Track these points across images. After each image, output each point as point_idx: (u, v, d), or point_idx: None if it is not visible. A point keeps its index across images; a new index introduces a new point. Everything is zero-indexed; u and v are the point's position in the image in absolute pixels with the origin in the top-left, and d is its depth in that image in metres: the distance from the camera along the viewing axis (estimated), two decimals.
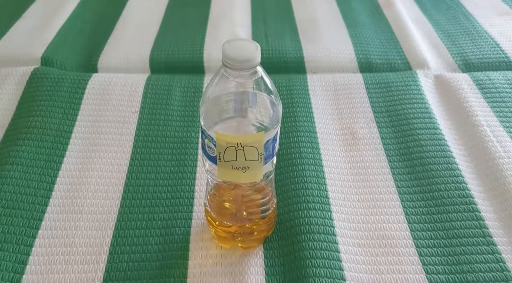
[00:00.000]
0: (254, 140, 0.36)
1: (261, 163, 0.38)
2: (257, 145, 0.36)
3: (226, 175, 0.39)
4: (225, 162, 0.37)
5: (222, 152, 0.37)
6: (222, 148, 0.37)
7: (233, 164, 0.37)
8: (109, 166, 0.60)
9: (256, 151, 0.37)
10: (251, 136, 0.37)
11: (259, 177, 0.39)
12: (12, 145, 0.61)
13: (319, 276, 0.46)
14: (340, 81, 0.75)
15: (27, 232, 0.52)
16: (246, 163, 0.37)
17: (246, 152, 0.36)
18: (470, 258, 0.50)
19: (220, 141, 0.36)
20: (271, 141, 0.38)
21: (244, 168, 0.37)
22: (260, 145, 0.36)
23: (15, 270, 0.48)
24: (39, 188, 0.57)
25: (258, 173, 0.39)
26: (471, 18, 0.92)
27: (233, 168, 0.38)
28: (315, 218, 0.52)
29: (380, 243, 0.51)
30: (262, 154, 0.37)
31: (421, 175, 0.59)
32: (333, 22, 0.91)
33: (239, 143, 0.36)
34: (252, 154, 0.37)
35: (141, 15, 0.93)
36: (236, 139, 0.36)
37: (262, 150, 0.37)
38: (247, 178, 0.39)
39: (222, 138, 0.36)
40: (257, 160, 0.37)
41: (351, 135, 0.65)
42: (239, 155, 0.36)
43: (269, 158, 0.39)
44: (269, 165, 0.40)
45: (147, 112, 0.68)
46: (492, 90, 0.72)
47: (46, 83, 0.72)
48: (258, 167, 0.38)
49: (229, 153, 0.37)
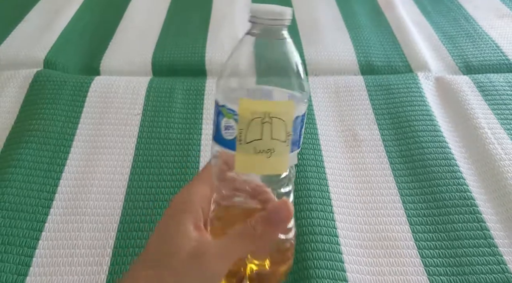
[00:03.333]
0: (285, 109, 0.32)
1: (288, 147, 0.33)
2: (286, 118, 0.32)
3: (246, 164, 0.33)
4: (246, 143, 0.32)
5: (245, 128, 0.32)
6: (245, 123, 0.32)
7: (257, 145, 0.32)
8: (111, 168, 0.60)
9: (284, 126, 0.32)
10: (282, 103, 0.33)
11: (284, 166, 0.34)
12: (15, 148, 0.62)
13: (322, 277, 0.47)
14: (341, 83, 0.75)
15: (31, 234, 0.52)
16: (272, 143, 0.32)
17: (273, 126, 0.32)
18: (472, 260, 0.50)
19: (244, 112, 0.31)
20: (300, 121, 0.33)
21: (268, 151, 0.32)
22: (289, 119, 0.32)
23: (18, 272, 0.48)
24: (42, 190, 0.57)
25: (283, 161, 0.33)
26: (472, 21, 0.92)
27: (256, 152, 0.32)
28: (317, 219, 0.52)
29: (382, 245, 0.51)
30: (290, 134, 0.32)
31: (423, 177, 0.59)
32: (334, 24, 0.91)
33: (267, 113, 0.31)
34: (279, 130, 0.32)
35: (143, 18, 0.93)
36: (264, 106, 0.32)
37: (291, 128, 0.32)
38: (272, 167, 0.33)
39: (248, 106, 0.31)
40: (283, 141, 0.32)
41: (352, 136, 0.65)
42: (265, 131, 0.32)
43: (295, 145, 0.34)
44: (294, 157, 0.35)
45: (149, 114, 0.68)
46: (493, 92, 0.72)
47: (48, 86, 0.72)
48: (284, 151, 0.33)
49: (253, 129, 0.32)
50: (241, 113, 0.32)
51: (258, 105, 0.32)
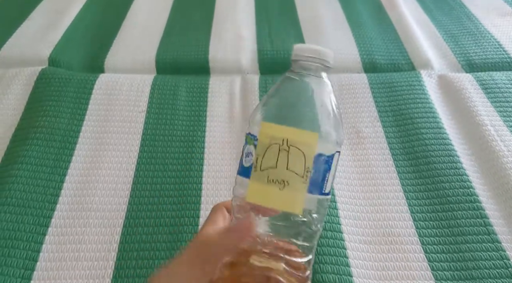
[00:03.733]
0: (305, 139, 0.30)
1: (305, 184, 0.30)
2: (306, 151, 0.30)
3: (258, 194, 0.31)
4: (261, 170, 0.31)
5: (262, 154, 0.31)
6: (263, 148, 0.30)
7: (270, 173, 0.30)
8: (117, 164, 0.61)
9: (302, 158, 0.30)
10: (304, 133, 0.31)
11: (298, 205, 0.31)
12: (21, 144, 0.62)
13: (327, 272, 0.47)
14: (344, 81, 0.75)
15: (37, 230, 0.53)
16: (287, 174, 0.30)
17: (290, 156, 0.30)
18: (475, 255, 0.50)
19: (263, 137, 0.31)
20: (324, 161, 0.31)
21: (282, 182, 0.30)
22: (310, 152, 0.30)
23: (26, 267, 0.49)
24: (49, 186, 0.57)
25: (298, 198, 0.31)
26: (474, 19, 0.93)
27: (269, 182, 0.30)
28: None
29: (386, 240, 0.52)
30: (309, 170, 0.30)
31: (426, 174, 0.59)
32: (337, 23, 0.92)
33: (286, 140, 0.30)
34: (297, 162, 0.30)
35: (146, 16, 0.93)
36: (284, 132, 0.30)
37: (311, 163, 0.30)
38: (283, 202, 0.31)
39: (268, 131, 0.31)
40: (301, 175, 0.30)
41: (356, 134, 0.66)
42: (281, 159, 0.30)
43: (315, 186, 0.31)
44: (313, 202, 0.32)
45: (153, 111, 0.69)
46: (495, 90, 0.73)
47: (53, 84, 0.72)
48: (300, 188, 0.30)
49: (270, 155, 0.30)
50: (260, 138, 0.31)
51: (278, 130, 0.30)
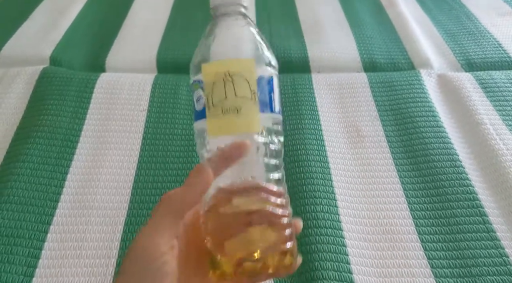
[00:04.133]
0: (244, 66, 0.34)
1: (255, 104, 0.33)
2: (248, 76, 0.33)
3: (217, 127, 0.34)
4: (214, 106, 0.33)
5: (211, 92, 0.33)
6: (210, 86, 0.33)
7: (224, 105, 0.33)
8: (118, 163, 0.61)
9: (247, 84, 0.33)
10: (241, 60, 0.34)
11: (256, 125, 0.34)
12: (23, 143, 0.63)
13: (326, 269, 0.47)
14: (344, 80, 0.76)
15: (39, 228, 0.53)
16: (238, 101, 0.33)
17: (236, 84, 0.33)
18: (474, 253, 0.51)
19: (208, 77, 0.33)
20: (265, 82, 0.34)
21: (235, 109, 0.33)
22: (252, 76, 0.34)
23: (28, 264, 0.49)
24: (50, 184, 0.58)
25: (253, 119, 0.34)
26: (473, 19, 0.93)
27: (224, 112, 0.33)
28: (322, 213, 0.53)
29: (385, 238, 0.52)
30: (255, 92, 0.34)
31: (426, 172, 0.60)
32: (337, 22, 0.92)
33: (227, 72, 0.33)
34: (242, 87, 0.33)
35: (147, 16, 0.94)
36: (224, 65, 0.33)
37: (255, 86, 0.34)
38: (242, 125, 0.34)
39: (209, 70, 0.33)
40: (249, 98, 0.33)
41: (356, 132, 0.66)
42: (229, 90, 0.33)
43: (265, 106, 0.34)
44: (268, 118, 0.35)
45: (155, 110, 0.69)
46: (495, 89, 0.73)
47: (55, 83, 0.73)
48: (252, 109, 0.33)
49: (218, 89, 0.33)
50: (205, 78, 0.33)
51: (218, 65, 0.33)
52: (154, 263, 0.29)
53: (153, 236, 0.30)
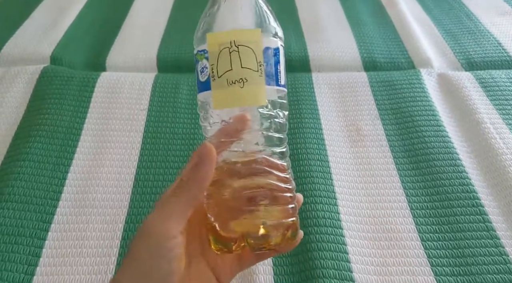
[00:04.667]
0: (251, 36, 0.32)
1: (261, 77, 0.33)
2: (254, 47, 0.32)
3: (222, 99, 0.33)
4: (219, 77, 0.32)
5: (215, 62, 0.32)
6: (215, 57, 0.32)
7: (228, 76, 0.32)
8: (119, 162, 0.61)
9: (253, 54, 0.32)
10: (247, 31, 0.33)
11: (261, 98, 0.33)
12: (23, 142, 0.63)
13: (327, 267, 0.47)
14: (344, 79, 0.76)
15: (40, 226, 0.53)
16: (243, 72, 0.32)
17: (242, 55, 0.32)
18: (474, 251, 0.51)
19: (213, 47, 0.32)
20: (272, 53, 0.33)
21: (241, 80, 0.32)
22: (258, 47, 0.32)
23: (29, 263, 0.49)
24: (51, 183, 0.58)
25: (259, 91, 0.33)
26: (474, 18, 0.93)
27: (229, 84, 0.32)
28: (322, 212, 0.53)
29: (385, 237, 0.52)
30: (261, 64, 0.32)
31: (426, 171, 0.60)
32: (337, 21, 0.92)
33: (233, 42, 0.32)
34: (249, 59, 0.32)
35: (148, 15, 0.94)
36: (230, 35, 0.32)
37: (261, 57, 0.32)
38: (247, 97, 0.32)
39: (214, 40, 0.32)
40: (255, 70, 0.32)
41: (356, 131, 0.66)
42: (234, 60, 0.32)
43: (271, 78, 0.33)
44: (273, 91, 0.34)
45: (155, 109, 0.69)
46: (495, 88, 0.73)
47: (55, 82, 0.73)
48: (258, 81, 0.32)
49: (223, 60, 0.32)
50: (210, 48, 0.32)
51: (223, 35, 0.32)
52: (166, 245, 0.29)
53: (163, 221, 0.30)
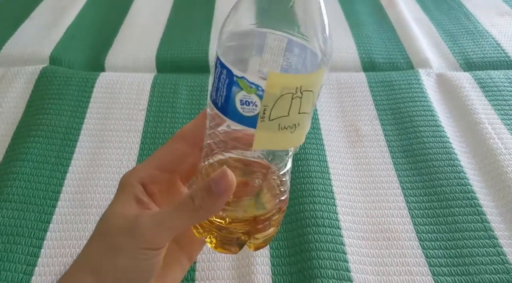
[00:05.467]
0: (316, 79, 0.27)
1: (310, 115, 0.29)
2: (316, 89, 0.27)
3: (267, 141, 0.28)
4: (270, 121, 0.27)
5: (271, 105, 0.26)
6: (272, 99, 0.26)
7: (282, 121, 0.27)
8: (117, 162, 0.61)
9: (312, 98, 0.27)
10: (315, 75, 0.27)
11: (304, 137, 0.30)
12: (22, 142, 0.63)
13: (325, 267, 0.47)
14: (343, 80, 0.76)
15: (39, 226, 0.53)
16: (299, 118, 0.27)
17: (303, 100, 0.27)
18: (472, 251, 0.51)
19: (273, 88, 0.26)
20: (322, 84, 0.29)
21: (294, 126, 0.27)
22: (318, 89, 0.28)
23: (27, 262, 0.49)
24: (50, 183, 0.58)
25: (306, 132, 0.29)
26: (472, 18, 0.93)
27: (280, 129, 0.27)
28: (320, 212, 0.53)
29: (384, 237, 0.52)
30: (314, 104, 0.28)
31: (424, 171, 0.60)
32: (336, 22, 0.92)
33: (299, 88, 0.26)
34: (307, 103, 0.27)
35: (147, 15, 0.94)
36: (297, 80, 0.26)
37: (316, 98, 0.28)
38: (295, 141, 0.29)
39: (277, 82, 0.26)
40: (309, 112, 0.28)
41: (354, 132, 0.66)
42: (294, 107, 0.27)
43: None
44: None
45: (154, 110, 0.69)
46: (493, 88, 0.73)
47: (55, 82, 0.73)
48: (307, 123, 0.29)
49: (281, 105, 0.27)
50: (270, 90, 0.26)
51: (289, 79, 0.27)
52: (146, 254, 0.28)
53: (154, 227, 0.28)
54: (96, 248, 0.29)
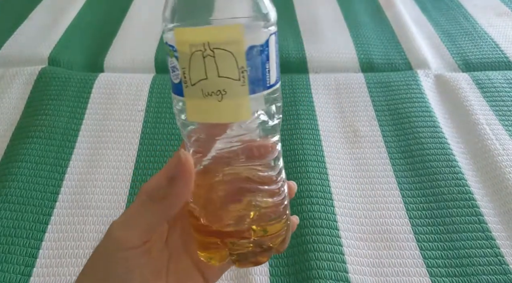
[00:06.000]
0: (229, 36, 0.25)
1: (244, 86, 0.26)
2: (234, 48, 0.25)
3: (197, 111, 0.27)
4: (192, 85, 0.26)
5: (187, 66, 0.26)
6: (186, 59, 0.26)
7: (204, 86, 0.26)
8: (116, 162, 0.61)
9: (233, 60, 0.26)
10: (224, 29, 0.26)
11: (245, 112, 0.27)
12: (21, 143, 0.63)
13: (322, 268, 0.48)
14: (342, 80, 0.76)
15: (37, 227, 0.53)
16: (221, 82, 0.26)
17: (218, 61, 0.25)
18: (470, 252, 0.51)
19: (181, 46, 0.26)
20: (258, 51, 0.26)
21: (219, 93, 0.26)
22: (240, 49, 0.26)
23: (25, 263, 0.50)
24: (48, 184, 0.58)
25: (242, 105, 0.27)
26: (471, 19, 0.93)
27: (205, 95, 0.26)
28: (318, 212, 0.53)
29: (381, 237, 0.53)
30: (244, 70, 0.26)
31: (422, 172, 0.60)
32: (335, 22, 0.92)
33: (207, 44, 0.25)
34: (228, 66, 0.26)
35: (146, 16, 0.94)
36: (201, 34, 0.25)
37: (244, 62, 0.26)
38: (227, 113, 0.27)
39: (184, 38, 0.26)
40: (237, 79, 0.26)
41: (353, 132, 0.66)
42: (209, 67, 0.26)
43: (258, 83, 0.27)
44: (260, 100, 0.28)
45: (153, 110, 0.69)
46: (491, 89, 0.73)
47: (53, 83, 0.73)
48: (241, 93, 0.26)
49: (196, 65, 0.26)
50: (179, 47, 0.26)
51: (194, 34, 0.26)
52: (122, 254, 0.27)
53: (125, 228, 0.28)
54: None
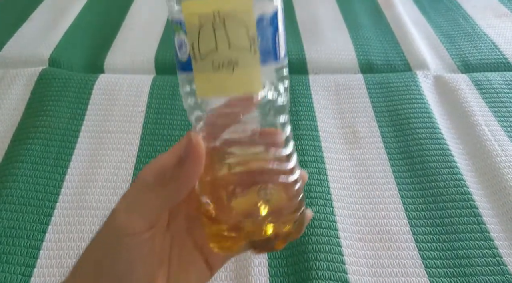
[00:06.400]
0: (238, 4, 0.25)
1: (255, 55, 0.26)
2: (244, 18, 0.25)
3: (208, 86, 0.27)
4: (202, 59, 0.26)
5: (196, 39, 0.26)
6: (195, 32, 0.26)
7: (215, 58, 0.26)
8: (116, 163, 0.62)
9: (243, 29, 0.26)
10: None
11: (256, 83, 0.27)
12: (21, 144, 0.63)
13: (321, 269, 0.48)
14: (341, 81, 0.76)
15: (38, 228, 0.53)
16: (233, 53, 0.26)
17: (229, 31, 0.25)
18: (468, 253, 0.51)
19: (191, 18, 0.25)
20: (268, 22, 0.27)
21: (231, 64, 0.26)
22: (249, 18, 0.26)
23: (26, 264, 0.50)
24: (49, 185, 0.58)
25: (254, 75, 0.27)
26: (470, 20, 0.94)
27: (215, 68, 0.26)
28: (318, 213, 0.54)
29: (380, 238, 0.53)
30: (254, 39, 0.26)
31: (421, 173, 0.60)
32: (335, 23, 0.93)
33: (217, 14, 0.25)
34: (239, 35, 0.26)
35: (146, 17, 0.94)
36: (210, 4, 0.25)
37: (255, 30, 0.26)
38: (239, 85, 0.27)
39: (192, 9, 0.25)
40: (248, 48, 0.26)
41: (352, 133, 0.67)
42: (220, 38, 0.25)
43: (268, 54, 0.27)
44: (271, 70, 0.27)
45: (153, 111, 0.70)
46: (490, 90, 0.74)
47: (54, 84, 0.73)
48: (252, 62, 0.26)
49: (206, 38, 0.26)
50: (188, 20, 0.26)
51: (203, 4, 0.25)
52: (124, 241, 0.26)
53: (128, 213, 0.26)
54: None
